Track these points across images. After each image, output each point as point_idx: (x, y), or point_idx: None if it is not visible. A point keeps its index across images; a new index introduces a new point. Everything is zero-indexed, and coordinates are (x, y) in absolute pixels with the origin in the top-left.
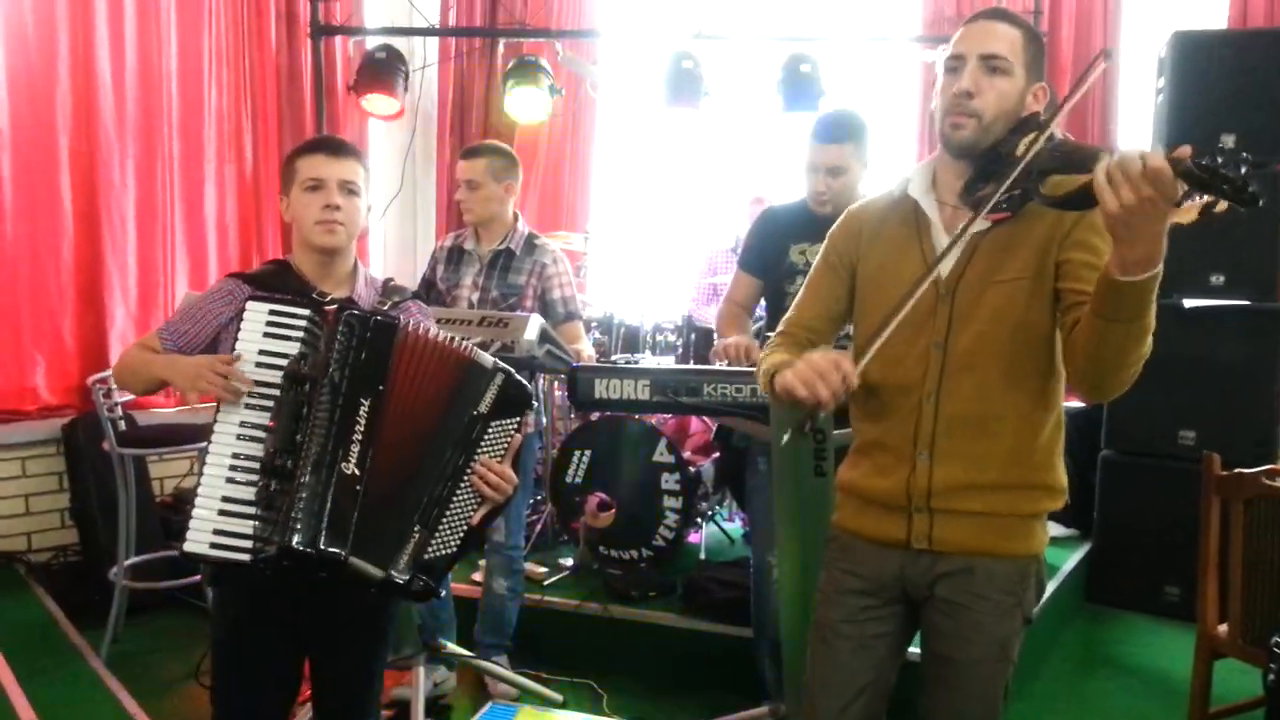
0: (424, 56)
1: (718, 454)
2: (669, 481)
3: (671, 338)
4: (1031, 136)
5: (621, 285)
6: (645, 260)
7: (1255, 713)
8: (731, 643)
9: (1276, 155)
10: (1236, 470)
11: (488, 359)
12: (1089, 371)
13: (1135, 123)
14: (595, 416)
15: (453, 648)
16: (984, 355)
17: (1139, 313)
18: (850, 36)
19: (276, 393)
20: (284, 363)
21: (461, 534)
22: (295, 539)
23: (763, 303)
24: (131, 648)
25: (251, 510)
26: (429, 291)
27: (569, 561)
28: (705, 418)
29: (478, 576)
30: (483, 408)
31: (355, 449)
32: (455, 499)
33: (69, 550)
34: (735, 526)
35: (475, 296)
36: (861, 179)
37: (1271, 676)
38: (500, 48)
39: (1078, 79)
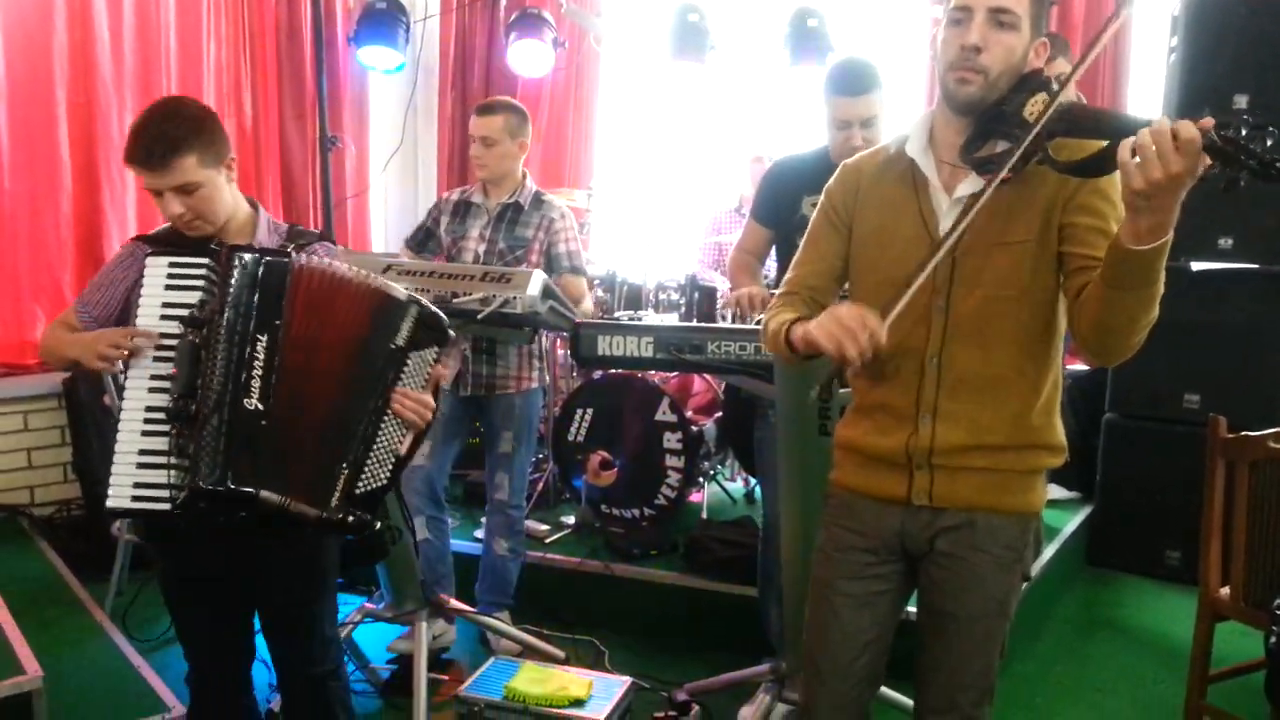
0: (425, 8)
1: (720, 413)
2: (671, 441)
3: (675, 296)
4: (1041, 97)
5: (625, 243)
6: (649, 218)
7: (1256, 675)
8: (733, 600)
9: None
10: (1242, 433)
11: (400, 290)
12: (1097, 338)
13: (1147, 82)
14: (598, 375)
15: (455, 603)
16: (989, 319)
17: (1149, 280)
18: None
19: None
20: (187, 313)
21: (391, 465)
22: (202, 479)
23: (772, 254)
24: (134, 601)
25: (165, 460)
26: (427, 240)
27: (570, 520)
28: (709, 375)
29: (479, 534)
30: (399, 340)
31: (256, 385)
32: (380, 431)
33: (72, 504)
34: (737, 486)
35: (482, 249)
36: (884, 126)
37: (1273, 639)
38: (503, 0)
39: (1093, 39)
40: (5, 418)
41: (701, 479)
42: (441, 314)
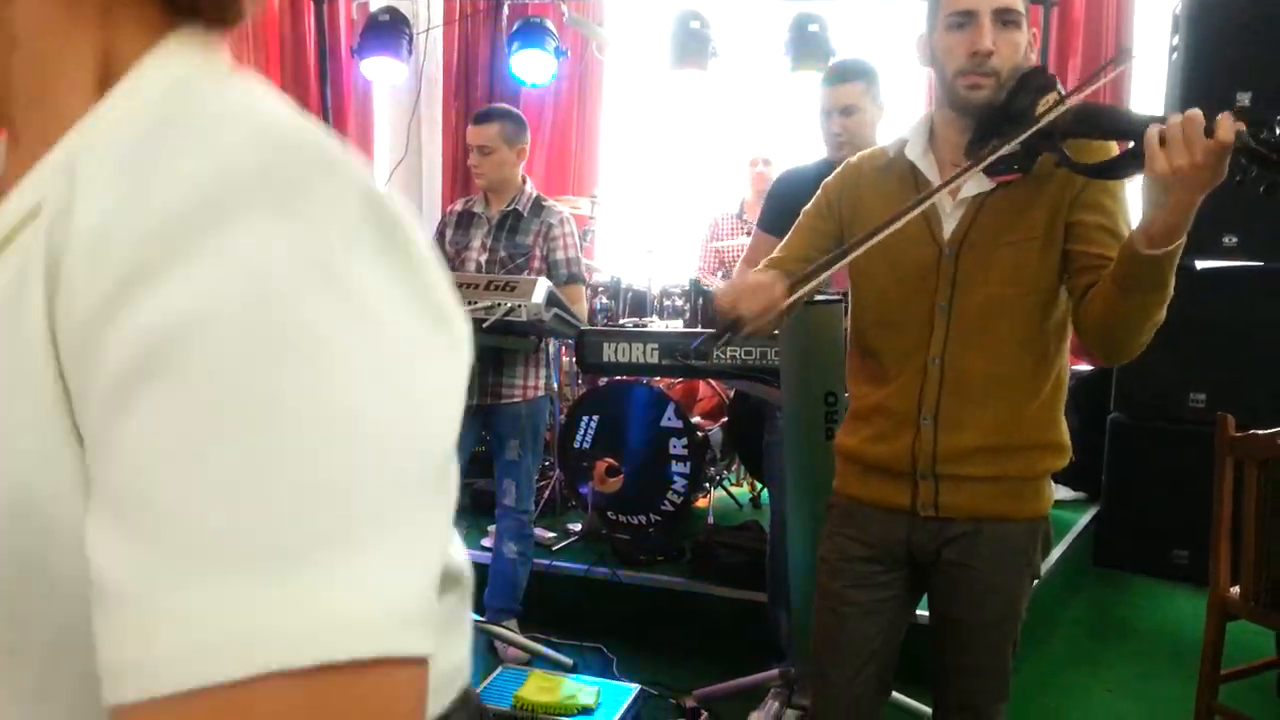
0: (428, 19)
1: (726, 419)
2: (676, 447)
3: (679, 302)
4: (1050, 97)
5: (629, 249)
6: (652, 224)
7: (1267, 674)
8: (741, 605)
9: None
10: (1251, 431)
11: None
12: (1106, 338)
13: (1149, 79)
14: (603, 382)
15: None
16: (995, 317)
17: (1159, 284)
18: None
19: None
20: None
21: None
22: None
23: None
24: None
25: None
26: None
27: (577, 527)
28: (715, 381)
29: (487, 542)
30: None
31: None
32: None
33: None
34: (743, 491)
35: (483, 258)
36: (877, 121)
37: None
38: (505, 9)
39: (1096, 70)
40: None
41: (708, 485)
42: None
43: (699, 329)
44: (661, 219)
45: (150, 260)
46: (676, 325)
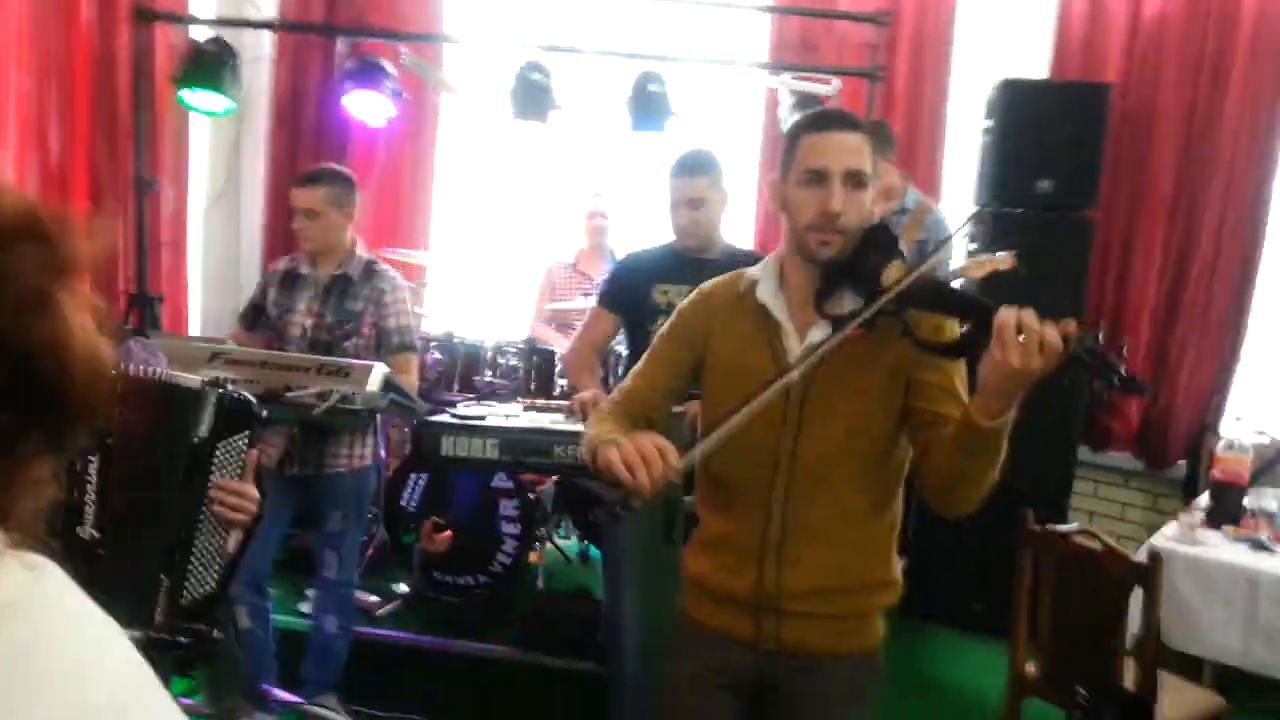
0: (255, 47)
1: (557, 477)
2: (507, 508)
3: (514, 361)
4: (897, 264)
5: (462, 302)
6: (487, 276)
7: None
8: (576, 677)
9: (1087, 201)
10: (1048, 526)
11: (192, 380)
12: (947, 495)
13: (960, 158)
14: None
15: (279, 693)
16: (834, 465)
17: (998, 448)
18: (698, 58)
19: None
20: None
21: (218, 569)
22: None
23: (620, 335)
24: None
25: None
26: (258, 317)
27: (403, 588)
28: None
29: (305, 607)
30: (202, 432)
31: (91, 510)
32: (199, 534)
33: None
34: (572, 544)
35: (309, 322)
36: (722, 211)
37: None
38: (339, 45)
39: (941, 242)
40: None
41: (538, 542)
42: (246, 394)
43: (534, 401)
44: (495, 270)
45: None
46: (516, 410)
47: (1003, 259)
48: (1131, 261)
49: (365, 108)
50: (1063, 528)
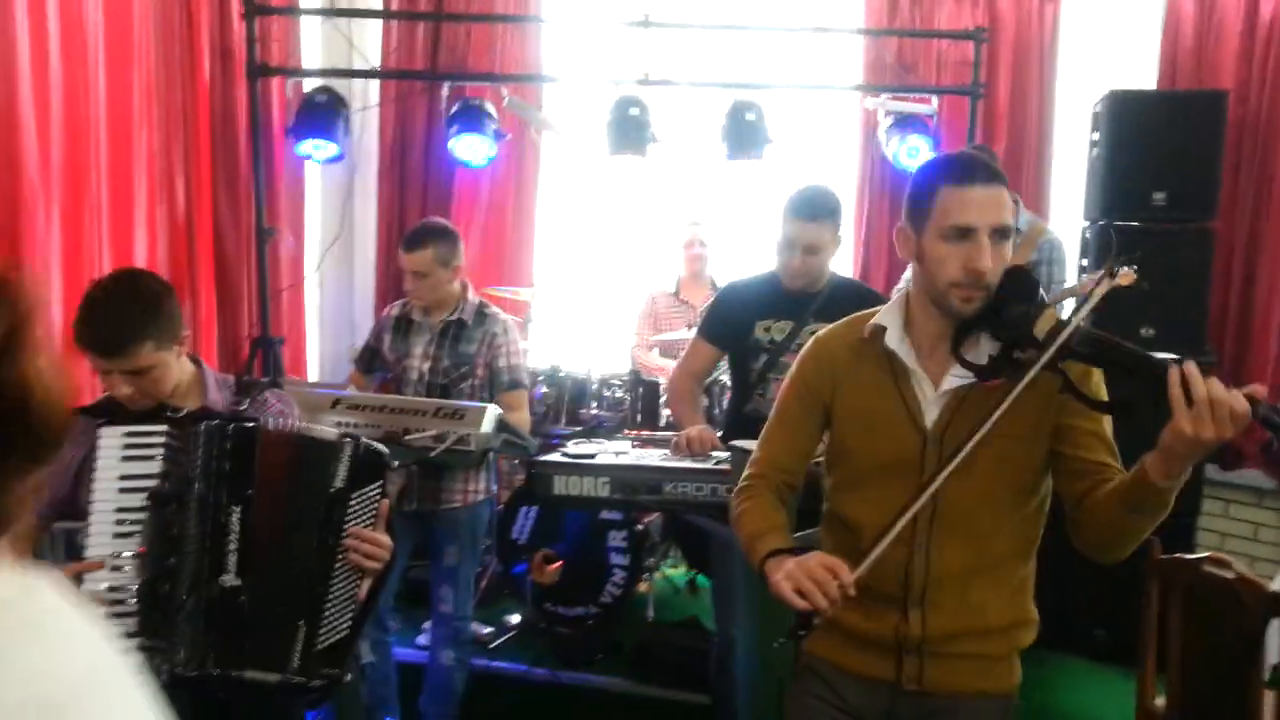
0: (365, 97)
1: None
2: (616, 539)
3: (619, 393)
4: (1050, 315)
5: (567, 336)
6: (590, 309)
7: None
8: (685, 708)
9: (1207, 213)
10: (1176, 555)
11: (329, 432)
12: (1106, 546)
13: (1068, 174)
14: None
15: None
16: (976, 511)
17: (1167, 504)
18: (792, 84)
19: (144, 516)
20: (149, 484)
21: (351, 614)
22: (181, 665)
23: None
24: None
25: (135, 642)
26: (373, 360)
27: (516, 619)
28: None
29: (422, 639)
30: (339, 483)
31: (233, 559)
32: (334, 582)
33: None
34: (680, 574)
35: (426, 366)
36: (834, 252)
37: None
38: (444, 90)
39: (1092, 288)
40: None
41: (647, 573)
42: (379, 446)
43: (640, 434)
44: (599, 303)
45: None
46: (625, 448)
47: (1123, 275)
48: (1257, 273)
49: (469, 149)
50: (1192, 556)
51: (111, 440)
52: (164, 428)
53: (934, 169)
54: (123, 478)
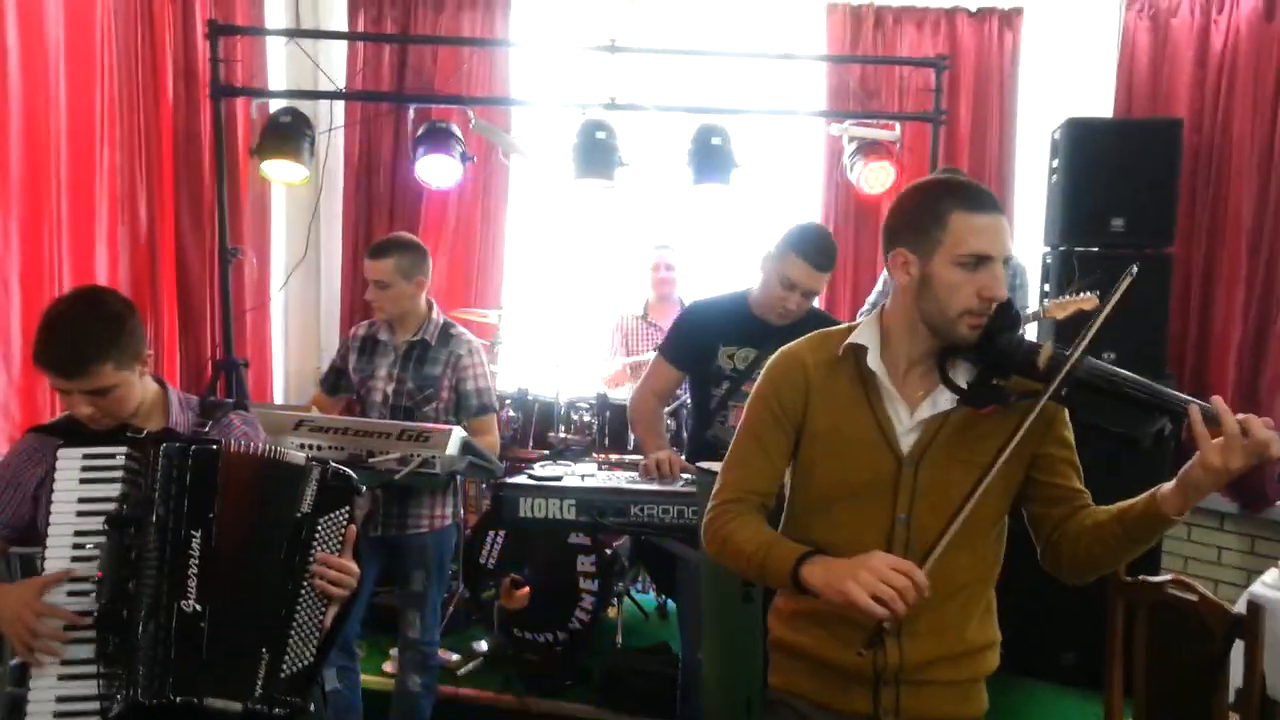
0: (330, 119)
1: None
2: (584, 564)
3: (587, 416)
4: (1047, 348)
5: (535, 359)
6: (558, 332)
7: None
8: None
9: (1162, 239)
10: (1140, 577)
11: (297, 456)
12: (1089, 570)
13: (1028, 200)
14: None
15: None
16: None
17: (1162, 532)
18: (758, 109)
19: (102, 540)
20: (109, 507)
21: (316, 641)
22: (140, 691)
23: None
24: None
25: (93, 669)
26: (339, 381)
27: (483, 645)
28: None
29: (389, 667)
30: (305, 507)
31: (193, 584)
32: (299, 608)
33: None
34: (649, 598)
35: (390, 388)
36: None
37: None
38: (410, 112)
39: (1107, 296)
40: None
41: (616, 599)
42: (347, 471)
43: (608, 457)
44: (566, 326)
45: None
46: (591, 469)
47: (1086, 299)
48: (1214, 297)
49: (436, 172)
50: (1155, 578)
51: (70, 462)
52: (124, 449)
53: (940, 193)
54: (81, 500)
